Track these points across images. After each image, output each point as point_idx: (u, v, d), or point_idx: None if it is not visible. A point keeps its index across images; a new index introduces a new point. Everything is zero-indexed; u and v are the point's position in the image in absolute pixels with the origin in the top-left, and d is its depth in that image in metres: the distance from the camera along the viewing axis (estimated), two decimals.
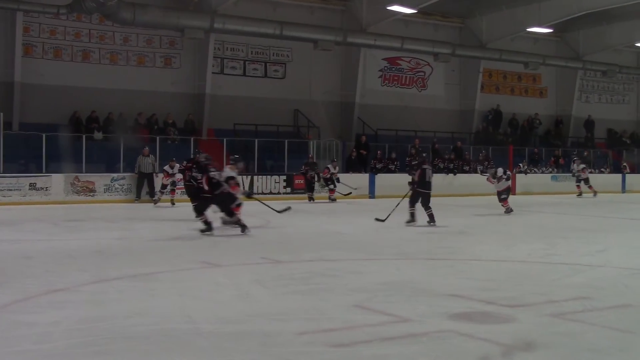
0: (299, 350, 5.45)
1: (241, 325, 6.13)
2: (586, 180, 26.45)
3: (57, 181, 19.72)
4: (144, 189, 20.56)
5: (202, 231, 12.55)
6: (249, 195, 16.43)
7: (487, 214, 17.97)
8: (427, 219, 14.55)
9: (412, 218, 14.52)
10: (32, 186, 19.40)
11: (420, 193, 14.65)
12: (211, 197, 12.86)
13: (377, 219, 14.74)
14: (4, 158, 20.07)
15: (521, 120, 32.80)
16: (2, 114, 20.37)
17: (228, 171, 13.51)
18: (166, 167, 19.84)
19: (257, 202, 15.55)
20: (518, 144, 30.99)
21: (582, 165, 26.91)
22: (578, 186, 26.62)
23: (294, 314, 6.58)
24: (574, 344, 5.77)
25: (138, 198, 20.46)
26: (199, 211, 12.89)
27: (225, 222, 13.14)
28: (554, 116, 34.52)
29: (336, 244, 11.93)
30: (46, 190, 19.54)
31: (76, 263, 9.41)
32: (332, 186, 22.30)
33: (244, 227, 12.74)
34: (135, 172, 20.57)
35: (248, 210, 17.95)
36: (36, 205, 18.64)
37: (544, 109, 34.03)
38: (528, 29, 28.98)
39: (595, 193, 25.91)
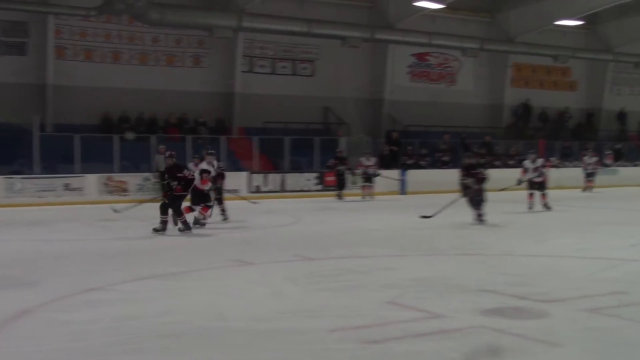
0: (330, 347, 5.44)
1: (273, 323, 6.14)
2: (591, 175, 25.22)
3: (90, 181, 19.92)
4: None
5: (182, 230, 12.57)
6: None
7: (518, 209, 17.78)
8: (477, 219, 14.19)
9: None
10: (67, 187, 19.62)
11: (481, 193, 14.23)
12: (184, 195, 12.81)
13: (424, 216, 14.36)
14: (39, 159, 20.29)
15: (551, 114, 32.44)
16: (38, 116, 20.65)
17: (204, 165, 13.75)
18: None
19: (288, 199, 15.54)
20: (549, 138, 30.62)
21: (595, 158, 25.82)
22: (590, 181, 25.33)
23: (325, 311, 6.57)
24: (610, 339, 5.69)
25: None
26: (180, 212, 12.68)
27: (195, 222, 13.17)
28: (585, 109, 34.06)
29: (367, 240, 11.88)
30: (80, 190, 19.75)
31: (110, 262, 9.50)
32: (368, 182, 21.38)
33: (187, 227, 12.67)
34: (154, 170, 20.37)
35: (279, 207, 18.06)
36: (70, 206, 18.84)
37: (574, 102, 33.60)
38: (557, 22, 28.62)
39: (590, 188, 25.04)
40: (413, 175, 24.16)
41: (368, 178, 21.42)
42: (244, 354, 5.32)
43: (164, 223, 12.43)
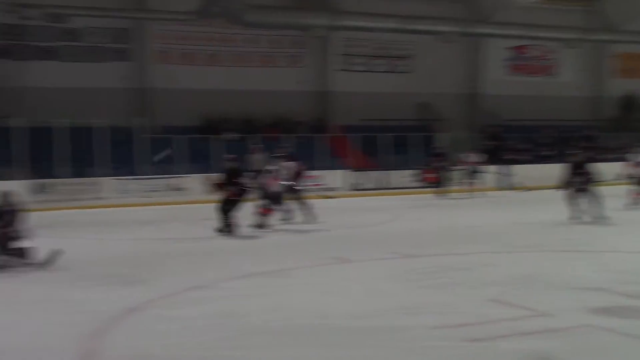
0: (431, 344, 5.36)
1: (372, 320, 6.11)
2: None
3: (193, 181, 20.34)
4: None
5: (222, 232, 12.06)
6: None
7: (619, 204, 17.07)
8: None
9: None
10: (171, 186, 20.15)
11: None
12: (237, 200, 12.24)
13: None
14: (142, 159, 20.96)
15: None
16: (143, 119, 21.34)
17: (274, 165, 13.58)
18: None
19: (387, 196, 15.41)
20: None
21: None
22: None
23: (425, 308, 6.49)
24: None
25: None
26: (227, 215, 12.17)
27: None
28: None
29: (467, 237, 11.69)
30: (183, 190, 20.24)
31: (213, 260, 9.69)
32: (472, 179, 20.62)
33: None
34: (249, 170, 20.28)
35: (378, 205, 17.97)
36: (175, 205, 19.32)
37: None
38: None
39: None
40: (516, 170, 23.41)
41: (471, 174, 20.73)
42: (344, 351, 5.31)
43: (226, 225, 12.00)
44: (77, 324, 6.09)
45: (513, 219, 14.09)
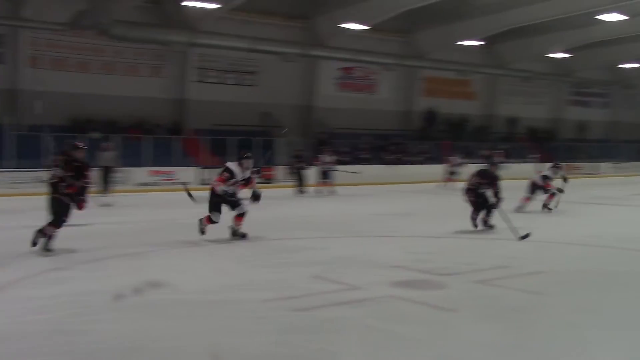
0: (265, 314, 5.42)
1: (217, 295, 6.11)
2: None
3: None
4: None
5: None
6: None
7: (426, 198, 18.09)
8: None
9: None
10: (37, 179, 18.93)
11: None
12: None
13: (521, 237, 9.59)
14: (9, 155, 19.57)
15: (454, 119, 33.07)
16: (16, 117, 19.95)
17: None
18: None
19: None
20: (452, 140, 31.18)
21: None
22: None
23: (262, 285, 6.55)
24: (496, 305, 5.85)
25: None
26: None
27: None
28: (482, 115, 34.85)
29: (301, 225, 11.87)
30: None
31: (70, 245, 9.20)
32: (326, 178, 19.68)
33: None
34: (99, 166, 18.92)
35: None
36: (41, 196, 18.14)
37: (473, 109, 34.35)
38: (460, 42, 29.12)
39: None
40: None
41: (325, 173, 19.90)
42: (190, 320, 5.27)
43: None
44: None
45: (349, 210, 14.45)
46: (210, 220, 9.42)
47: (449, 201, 17.25)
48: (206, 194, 9.65)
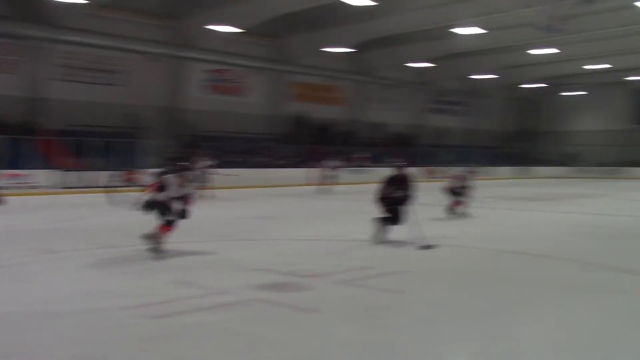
0: (124, 322, 5.24)
1: (72, 304, 5.81)
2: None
3: None
4: None
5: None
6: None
7: (295, 201, 18.27)
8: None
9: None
10: None
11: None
12: None
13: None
14: None
15: (322, 124, 33.69)
16: None
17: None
18: None
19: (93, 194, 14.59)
20: (320, 144, 31.71)
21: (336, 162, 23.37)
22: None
23: (121, 292, 6.32)
24: (358, 304, 6.01)
25: None
26: None
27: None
28: (349, 120, 35.76)
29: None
30: None
31: None
32: (204, 181, 18.87)
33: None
34: None
35: (85, 201, 17.01)
36: None
37: (341, 114, 35.18)
38: (330, 49, 29.70)
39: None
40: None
41: (202, 176, 19.10)
42: (52, 333, 4.98)
43: None
44: None
45: (215, 213, 14.19)
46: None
47: (316, 204, 17.61)
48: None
